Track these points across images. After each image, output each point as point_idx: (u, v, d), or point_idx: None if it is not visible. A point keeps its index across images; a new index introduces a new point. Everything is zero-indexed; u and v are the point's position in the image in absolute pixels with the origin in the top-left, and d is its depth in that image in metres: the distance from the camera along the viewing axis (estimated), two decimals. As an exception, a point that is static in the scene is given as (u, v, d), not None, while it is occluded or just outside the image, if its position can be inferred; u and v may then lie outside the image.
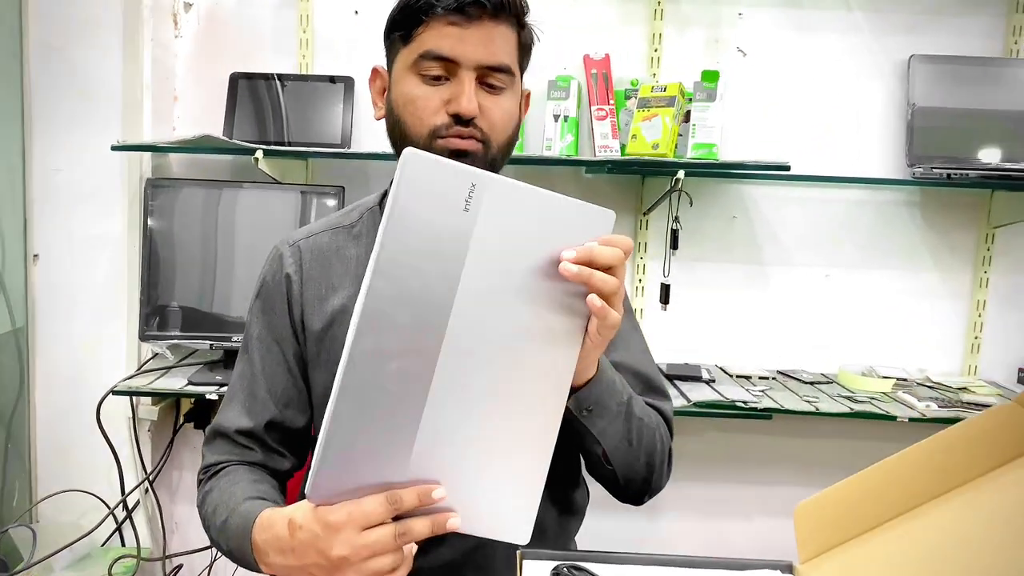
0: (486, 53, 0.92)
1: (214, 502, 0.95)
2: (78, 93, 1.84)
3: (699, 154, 1.86)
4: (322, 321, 1.01)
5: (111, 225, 1.88)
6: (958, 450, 0.95)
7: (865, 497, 0.95)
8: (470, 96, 0.91)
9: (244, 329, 1.06)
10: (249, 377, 1.03)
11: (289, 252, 1.04)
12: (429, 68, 0.92)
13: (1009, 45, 2.03)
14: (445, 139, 0.92)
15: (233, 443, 1.01)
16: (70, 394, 1.89)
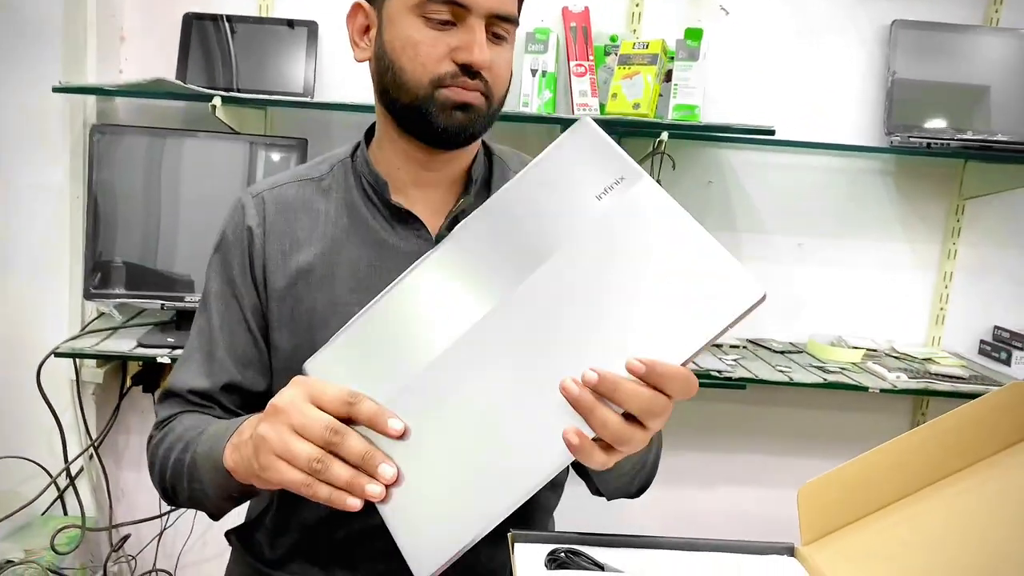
0: (498, 1, 0.84)
1: (170, 443, 0.89)
2: (13, 29, 1.69)
3: (681, 115, 1.80)
4: (285, 278, 0.93)
5: (51, 174, 1.74)
6: (963, 432, 0.92)
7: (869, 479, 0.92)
8: (482, 46, 0.83)
9: (203, 284, 0.98)
10: (207, 335, 0.95)
11: (252, 203, 0.95)
12: (437, 11, 0.83)
13: (990, 14, 2.00)
14: (449, 88, 0.85)
15: (187, 403, 0.95)
16: (8, 355, 1.77)
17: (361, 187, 0.95)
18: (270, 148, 1.73)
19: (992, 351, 2.07)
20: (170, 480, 0.89)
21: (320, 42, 1.85)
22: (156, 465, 0.91)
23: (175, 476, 0.88)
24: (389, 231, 0.93)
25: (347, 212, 0.95)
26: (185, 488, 0.86)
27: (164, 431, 0.92)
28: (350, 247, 0.93)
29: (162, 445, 0.90)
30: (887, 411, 2.12)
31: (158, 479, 0.91)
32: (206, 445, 0.82)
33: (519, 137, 1.95)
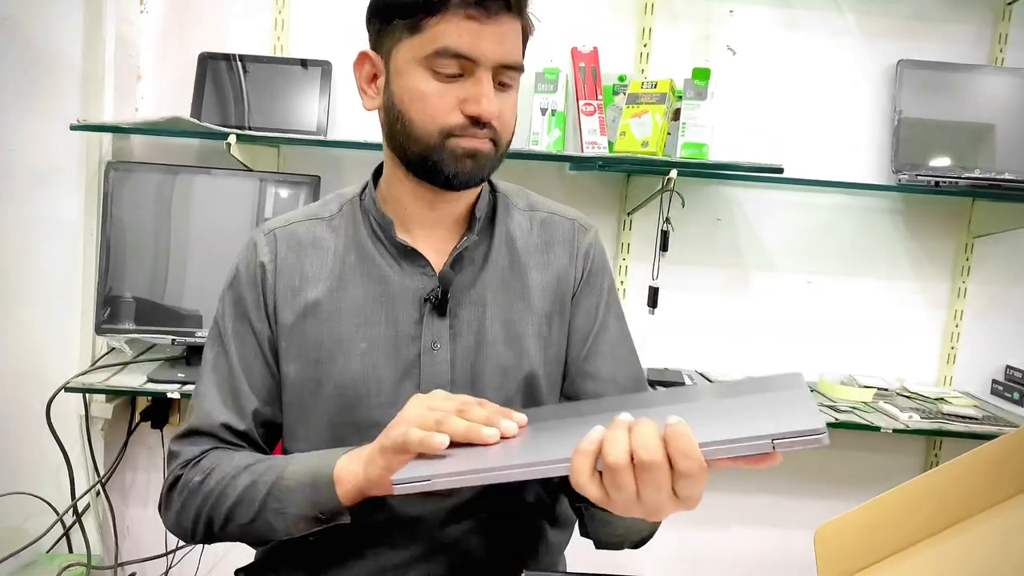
0: (503, 51, 0.86)
1: (224, 479, 0.89)
2: (34, 67, 1.71)
3: (689, 153, 1.81)
4: (294, 313, 0.95)
5: (66, 209, 1.76)
6: (980, 474, 0.91)
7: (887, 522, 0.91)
8: (491, 97, 0.85)
9: (215, 318, 0.99)
10: (226, 372, 0.96)
11: (264, 240, 0.98)
12: (445, 66, 0.85)
13: (995, 53, 2.03)
14: (459, 138, 0.87)
15: (218, 439, 0.94)
16: (18, 390, 1.76)
17: (369, 225, 0.97)
18: (283, 185, 1.75)
19: (1004, 391, 2.05)
20: (213, 512, 0.89)
21: (333, 81, 1.88)
22: (195, 499, 0.90)
23: (233, 506, 0.88)
24: (395, 268, 0.95)
25: (355, 249, 0.96)
26: (246, 515, 0.87)
27: (205, 468, 0.91)
28: (356, 283, 0.95)
29: (208, 481, 0.90)
30: (900, 451, 2.10)
31: (193, 514, 0.91)
32: (301, 466, 0.86)
33: (529, 174, 1.96)
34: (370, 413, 0.92)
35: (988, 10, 2.01)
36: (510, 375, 0.96)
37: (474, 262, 0.97)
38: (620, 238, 2.02)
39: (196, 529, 0.91)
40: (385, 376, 0.93)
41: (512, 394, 0.96)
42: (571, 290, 1.01)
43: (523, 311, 0.98)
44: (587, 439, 0.66)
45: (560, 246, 1.02)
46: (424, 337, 0.93)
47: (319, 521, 0.85)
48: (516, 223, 1.01)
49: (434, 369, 0.93)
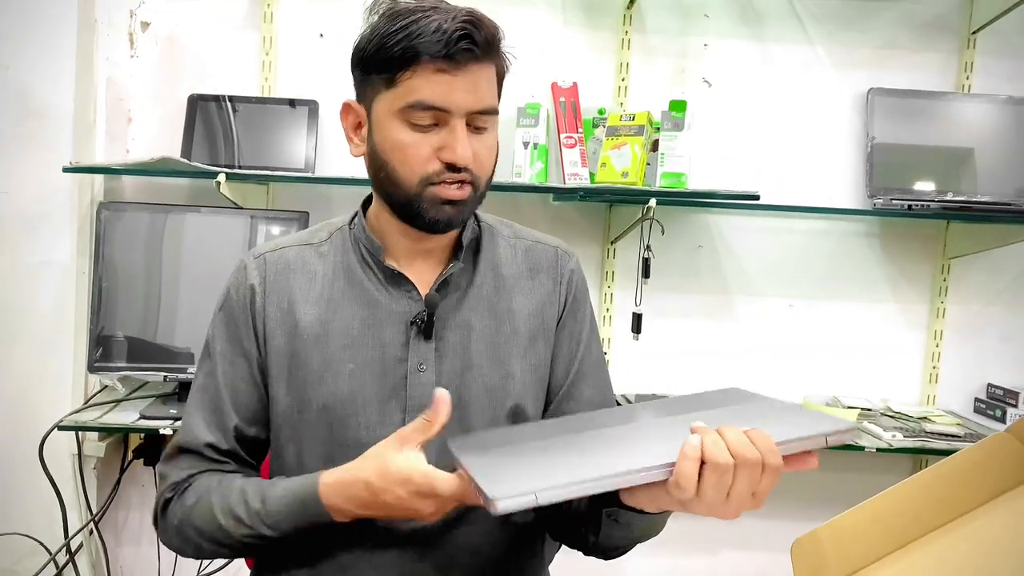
0: (475, 99, 0.90)
1: (218, 505, 0.93)
2: (26, 112, 1.75)
3: (668, 183, 1.86)
4: (283, 335, 0.98)
5: (59, 250, 1.79)
6: (954, 481, 0.94)
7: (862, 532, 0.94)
8: (464, 144, 0.89)
9: (206, 340, 1.02)
10: (213, 392, 0.99)
11: (254, 264, 1.01)
12: (420, 117, 0.89)
13: (961, 80, 2.09)
14: (437, 187, 0.91)
15: (203, 458, 0.99)
16: (11, 429, 1.78)
17: (358, 251, 1.01)
18: (273, 221, 1.78)
19: (987, 408, 2.09)
20: (206, 533, 0.94)
21: (320, 120, 1.92)
22: (182, 520, 0.95)
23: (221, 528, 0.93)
24: (383, 292, 0.98)
25: (343, 274, 1.00)
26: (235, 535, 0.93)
27: (193, 492, 0.96)
28: (344, 306, 0.98)
29: (194, 516, 0.95)
30: (885, 470, 2.13)
31: (192, 545, 0.96)
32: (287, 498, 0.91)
33: (514, 206, 2.01)
34: (357, 433, 0.95)
35: (954, 39, 2.08)
36: (496, 397, 0.98)
37: (460, 287, 1.00)
38: (604, 266, 2.06)
39: (199, 547, 0.96)
40: (372, 396, 0.96)
41: (498, 415, 0.99)
42: (556, 315, 1.05)
43: (509, 335, 1.01)
44: (690, 445, 0.70)
45: (544, 273, 1.05)
46: (411, 359, 0.96)
47: (316, 526, 0.91)
48: (502, 251, 1.05)
49: (420, 391, 0.96)
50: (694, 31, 2.05)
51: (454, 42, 0.86)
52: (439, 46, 0.86)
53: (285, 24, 1.97)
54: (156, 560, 1.97)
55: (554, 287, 1.05)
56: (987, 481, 0.94)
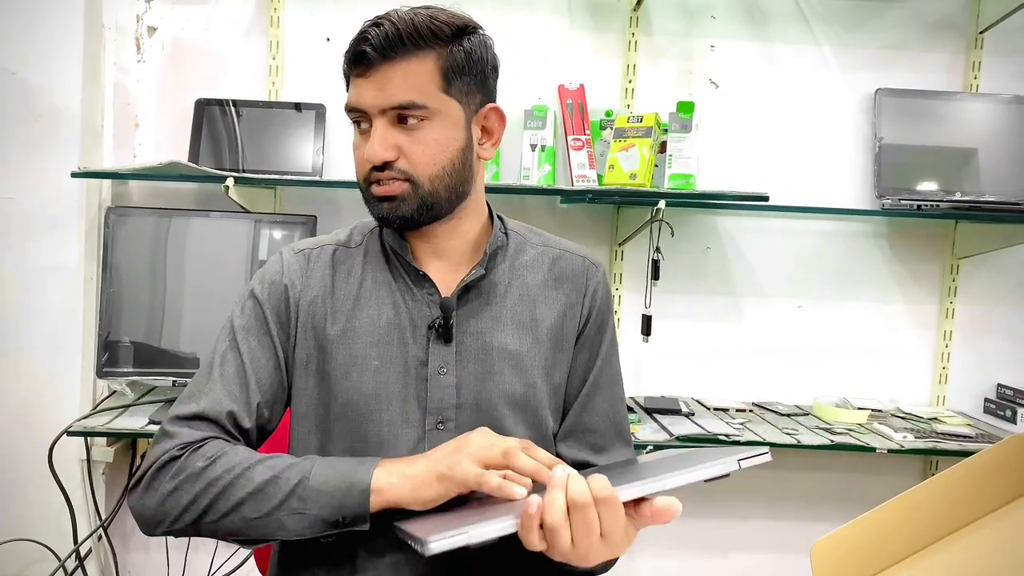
0: (383, 97, 0.93)
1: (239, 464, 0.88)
2: (34, 118, 1.75)
3: (676, 184, 1.85)
4: (314, 330, 1.00)
5: (67, 255, 1.78)
6: (972, 485, 0.93)
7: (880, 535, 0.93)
8: (371, 143, 0.93)
9: (229, 319, 1.01)
10: (236, 365, 0.97)
11: (294, 258, 1.04)
12: (354, 119, 0.97)
13: (969, 80, 2.09)
14: (374, 185, 0.96)
15: (222, 428, 0.94)
16: (19, 435, 1.77)
17: (385, 252, 1.03)
18: (280, 226, 1.78)
19: (997, 409, 2.08)
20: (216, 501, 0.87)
21: (328, 124, 1.92)
22: (194, 484, 0.87)
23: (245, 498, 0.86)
24: (408, 293, 1.00)
25: (372, 274, 1.02)
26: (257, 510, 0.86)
27: (210, 455, 0.89)
28: (372, 305, 1.00)
29: (214, 467, 0.88)
30: (896, 472, 2.12)
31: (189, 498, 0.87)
32: (331, 470, 0.88)
33: (522, 208, 2.00)
34: (379, 429, 0.96)
35: (961, 39, 2.08)
36: (516, 404, 0.99)
37: (482, 294, 1.01)
38: (612, 268, 2.05)
39: (185, 515, 0.87)
40: (395, 393, 0.97)
41: (518, 422, 0.99)
42: (576, 326, 1.05)
43: (531, 343, 1.02)
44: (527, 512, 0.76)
45: (570, 283, 1.06)
46: (431, 362, 0.98)
47: (337, 525, 0.86)
48: (528, 258, 1.06)
49: (440, 392, 0.97)
50: (700, 32, 2.05)
51: (356, 46, 0.93)
52: (349, 52, 0.94)
53: (292, 28, 1.97)
54: (165, 566, 1.97)
55: (578, 298, 1.06)
56: (1005, 484, 0.94)
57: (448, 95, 0.95)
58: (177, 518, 0.87)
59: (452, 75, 0.95)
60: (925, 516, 0.93)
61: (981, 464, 0.94)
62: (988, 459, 0.94)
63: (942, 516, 0.93)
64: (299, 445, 1.00)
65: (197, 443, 0.91)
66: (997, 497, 0.93)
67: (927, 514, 0.93)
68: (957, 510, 0.93)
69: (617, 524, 0.77)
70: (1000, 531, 0.91)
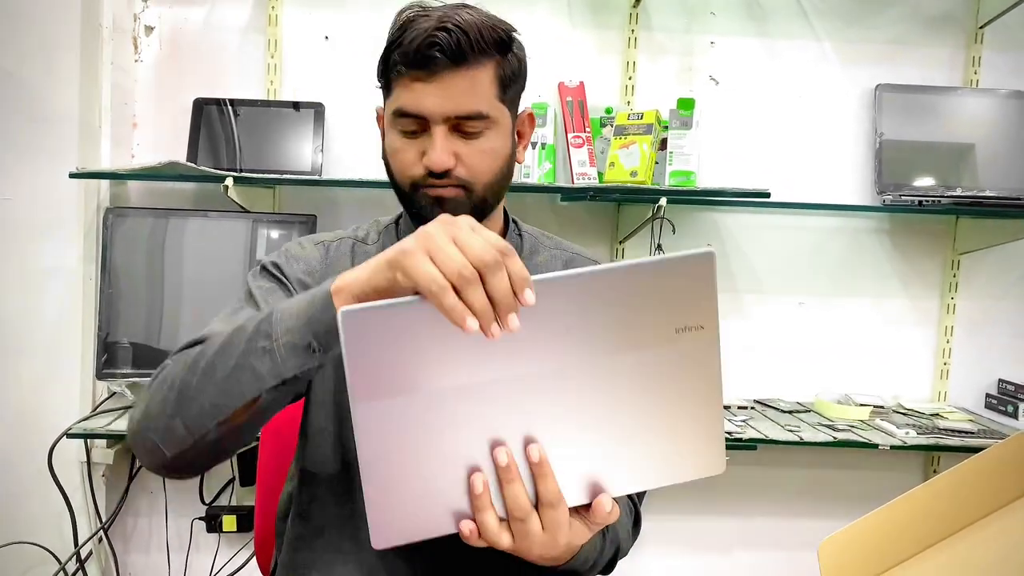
0: (452, 105, 0.91)
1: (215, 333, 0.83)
2: (31, 119, 1.74)
3: (677, 181, 1.85)
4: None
5: (65, 256, 1.77)
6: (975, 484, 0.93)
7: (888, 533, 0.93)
8: (439, 151, 0.91)
9: (245, 286, 0.98)
10: (248, 306, 0.95)
11: (313, 248, 1.04)
12: (405, 124, 0.93)
13: (969, 75, 2.08)
14: (425, 188, 0.94)
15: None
16: (19, 438, 1.76)
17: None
18: (279, 225, 1.77)
19: (999, 404, 2.08)
20: (189, 375, 0.80)
21: (327, 122, 1.91)
22: (175, 367, 0.83)
23: (214, 358, 0.80)
24: None
25: None
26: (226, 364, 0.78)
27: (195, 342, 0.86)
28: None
29: (195, 347, 0.84)
30: (898, 468, 2.12)
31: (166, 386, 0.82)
32: (294, 299, 0.80)
33: (522, 206, 2.00)
34: None
35: (961, 34, 2.07)
36: None
37: None
38: (613, 266, 2.04)
39: (166, 408, 0.80)
40: None
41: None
42: None
43: None
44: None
45: None
46: None
47: (310, 350, 0.77)
48: (542, 260, 1.08)
49: None
50: (700, 29, 2.04)
51: (424, 50, 0.88)
52: (411, 55, 0.89)
53: (290, 27, 1.96)
54: (167, 566, 1.96)
55: None
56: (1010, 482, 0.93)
57: (503, 103, 0.95)
58: (157, 417, 0.81)
59: (507, 83, 0.95)
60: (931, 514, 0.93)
61: (986, 462, 0.93)
62: (993, 457, 0.94)
63: (948, 514, 0.93)
64: (316, 434, 1.00)
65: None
66: (1002, 495, 0.93)
67: (933, 512, 0.93)
68: (963, 508, 0.93)
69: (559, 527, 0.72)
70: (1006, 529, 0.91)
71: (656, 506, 1.07)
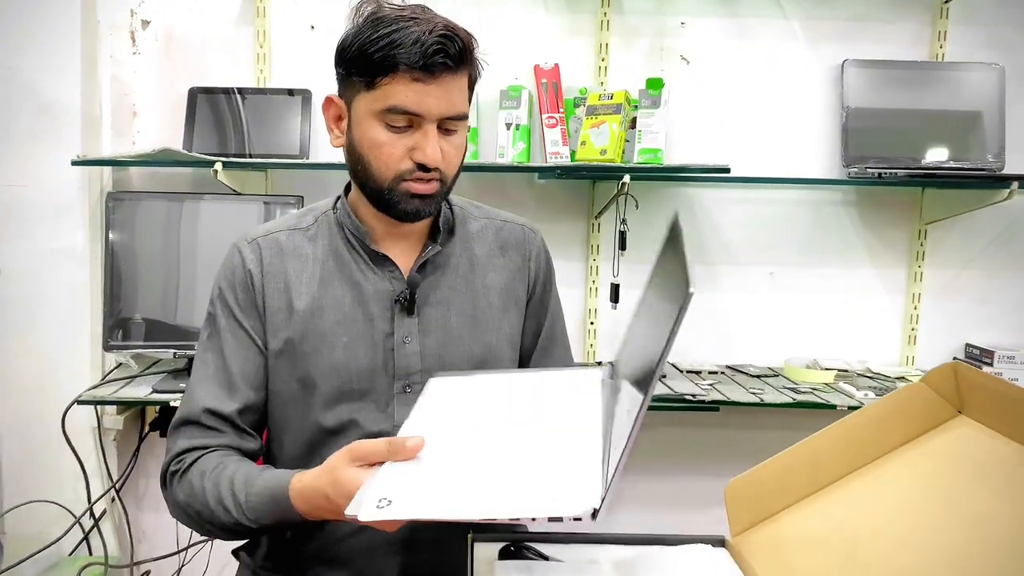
0: (448, 106, 0.99)
1: (211, 494, 0.99)
2: (37, 110, 1.87)
3: (645, 159, 1.94)
4: (281, 313, 1.08)
5: (73, 238, 1.91)
6: (870, 429, 1.03)
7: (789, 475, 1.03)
8: (435, 147, 0.99)
9: (206, 320, 1.10)
10: (217, 362, 1.07)
11: (249, 248, 1.10)
12: (396, 120, 0.98)
13: (935, 49, 2.14)
14: (408, 182, 1.01)
15: (203, 427, 1.04)
16: (34, 405, 1.91)
17: (344, 235, 1.11)
18: (270, 205, 1.89)
19: (964, 367, 2.15)
20: (203, 515, 1.00)
21: (313, 108, 2.02)
22: (184, 501, 1.01)
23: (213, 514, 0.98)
24: (368, 272, 1.09)
25: (332, 256, 1.10)
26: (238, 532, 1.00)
27: (187, 471, 1.02)
28: (335, 286, 1.09)
29: (193, 487, 1.01)
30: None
31: (184, 512, 1.02)
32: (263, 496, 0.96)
33: (501, 185, 2.09)
34: (351, 399, 1.07)
35: (926, 10, 2.13)
36: (476, 363, 1.11)
37: (438, 267, 1.12)
38: (590, 240, 2.15)
39: (203, 531, 1.04)
40: (364, 365, 1.07)
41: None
42: (526, 288, 1.17)
43: (484, 308, 1.13)
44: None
45: (514, 250, 1.18)
46: (396, 332, 1.07)
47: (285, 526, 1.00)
48: (474, 231, 1.17)
49: (406, 360, 1.08)
50: (671, 10, 2.12)
51: (431, 54, 0.94)
52: (416, 56, 0.94)
53: (277, 18, 2.07)
54: (175, 524, 2.11)
55: (523, 263, 1.18)
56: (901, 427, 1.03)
57: (468, 103, 1.04)
58: (199, 527, 1.03)
59: (472, 86, 1.05)
60: (828, 458, 1.03)
61: (880, 410, 1.03)
62: (886, 406, 1.03)
63: (844, 458, 1.02)
64: (278, 419, 1.10)
65: (186, 454, 1.04)
66: (893, 440, 1.03)
67: (830, 456, 1.03)
68: (858, 452, 1.03)
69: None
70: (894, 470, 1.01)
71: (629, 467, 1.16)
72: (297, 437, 1.09)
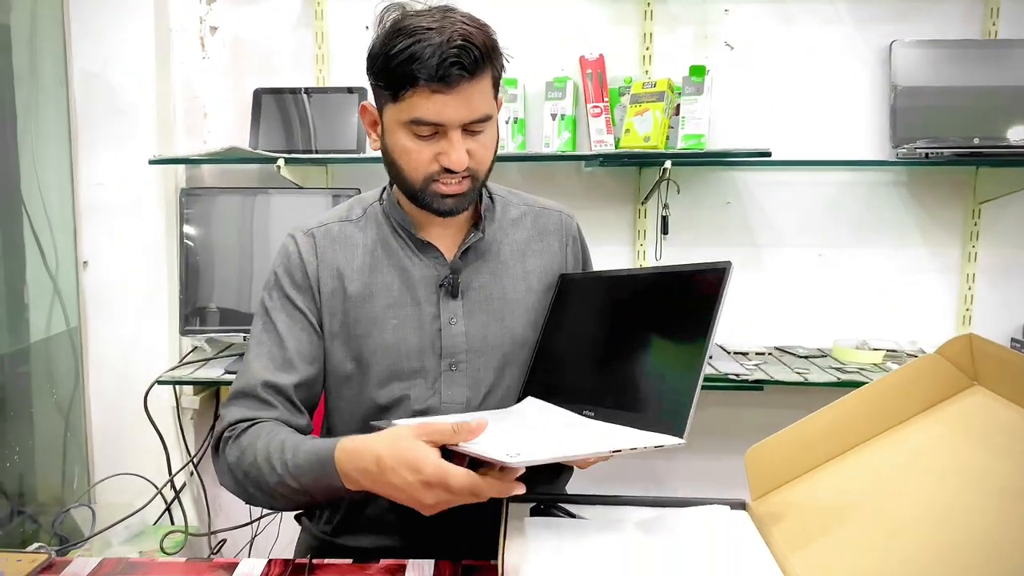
0: (468, 112, 1.02)
1: (260, 452, 1.02)
2: (117, 113, 2.03)
3: (688, 144, 1.98)
4: (335, 299, 1.15)
5: (151, 232, 2.06)
6: (887, 398, 1.06)
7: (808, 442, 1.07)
8: (460, 153, 1.04)
9: (261, 301, 1.16)
10: (274, 340, 1.13)
11: (304, 239, 1.18)
12: (420, 130, 1.03)
13: (987, 27, 2.11)
14: (438, 183, 1.07)
15: (259, 400, 1.09)
16: (120, 386, 2.08)
17: (391, 225, 1.19)
18: (329, 199, 2.01)
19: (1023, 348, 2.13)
20: (250, 476, 1.03)
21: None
22: (233, 463, 1.05)
23: (260, 472, 1.01)
24: (414, 258, 1.18)
25: (381, 245, 1.18)
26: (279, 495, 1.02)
27: (240, 436, 1.06)
28: (385, 272, 1.17)
29: (243, 449, 1.04)
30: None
31: (231, 476, 1.06)
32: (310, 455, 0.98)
33: (549, 173, 2.16)
34: (401, 376, 1.15)
35: (979, -14, 2.11)
36: (518, 343, 1.19)
37: (480, 253, 1.20)
38: (636, 225, 2.20)
39: (248, 498, 1.07)
40: (413, 345, 1.15)
41: (521, 357, 1.20)
42: (565, 270, 1.25)
43: (524, 291, 1.21)
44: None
45: (552, 235, 1.26)
46: (443, 314, 1.16)
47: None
48: (514, 218, 1.24)
49: (452, 341, 1.16)
50: (714, -3, 2.15)
51: (447, 67, 0.97)
52: (433, 71, 0.97)
53: (334, 20, 2.18)
54: (248, 498, 2.26)
55: (560, 248, 1.26)
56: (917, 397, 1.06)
57: (495, 99, 1.09)
58: (244, 492, 1.06)
59: (498, 82, 1.08)
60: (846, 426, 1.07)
61: (896, 380, 1.06)
62: (903, 376, 1.07)
63: (861, 426, 1.06)
64: (334, 396, 1.19)
65: (240, 423, 1.08)
66: (910, 408, 1.06)
67: (847, 424, 1.06)
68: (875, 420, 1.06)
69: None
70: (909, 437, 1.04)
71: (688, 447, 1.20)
72: (354, 413, 1.18)
